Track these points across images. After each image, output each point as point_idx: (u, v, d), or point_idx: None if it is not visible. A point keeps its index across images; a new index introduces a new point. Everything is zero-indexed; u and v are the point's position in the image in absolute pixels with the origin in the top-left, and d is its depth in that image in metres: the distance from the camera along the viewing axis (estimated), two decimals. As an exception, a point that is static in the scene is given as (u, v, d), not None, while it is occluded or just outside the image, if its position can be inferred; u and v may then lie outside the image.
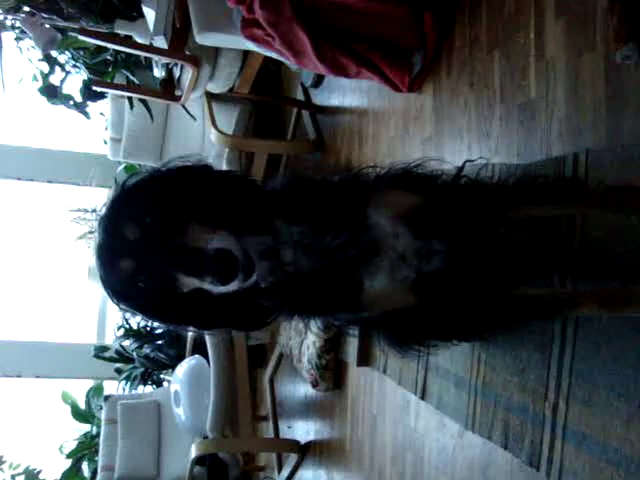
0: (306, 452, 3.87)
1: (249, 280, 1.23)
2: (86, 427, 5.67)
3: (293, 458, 3.96)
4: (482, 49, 2.20)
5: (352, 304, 1.38)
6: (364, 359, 2.90)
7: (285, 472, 4.02)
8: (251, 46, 2.84)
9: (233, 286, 1.21)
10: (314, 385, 3.36)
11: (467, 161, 1.56)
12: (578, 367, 1.61)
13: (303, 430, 3.96)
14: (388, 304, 1.42)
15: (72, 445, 5.58)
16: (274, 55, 2.79)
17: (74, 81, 4.99)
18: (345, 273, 1.33)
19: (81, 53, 4.51)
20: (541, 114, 1.87)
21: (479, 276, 1.42)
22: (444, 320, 1.48)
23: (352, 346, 2.99)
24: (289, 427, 4.24)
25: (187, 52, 3.47)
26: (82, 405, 5.77)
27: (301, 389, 3.90)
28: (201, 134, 4.39)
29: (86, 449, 5.44)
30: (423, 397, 2.33)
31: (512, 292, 1.49)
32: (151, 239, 1.21)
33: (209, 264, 1.19)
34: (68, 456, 5.52)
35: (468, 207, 1.42)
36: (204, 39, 3.16)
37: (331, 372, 3.28)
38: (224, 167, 3.86)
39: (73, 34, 3.92)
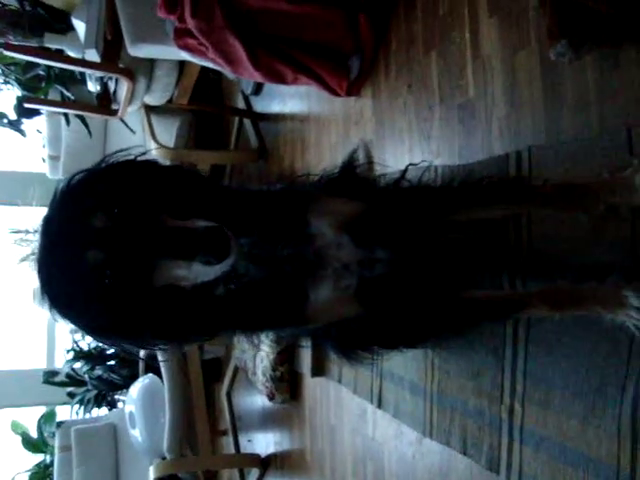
0: (268, 465, 3.81)
1: (230, 262, 1.11)
2: (39, 457, 5.48)
3: (255, 472, 3.89)
4: (419, 50, 2.18)
5: (297, 317, 1.34)
6: (318, 369, 2.85)
7: (248, 486, 3.96)
8: (186, 56, 2.77)
9: (219, 269, 1.10)
10: (270, 398, 3.31)
11: (409, 165, 1.52)
12: (532, 368, 1.59)
13: (263, 443, 3.89)
14: (333, 315, 1.38)
15: (25, 477, 5.38)
16: (209, 64, 2.73)
17: (7, 98, 4.84)
18: (290, 285, 1.28)
19: (12, 69, 4.37)
20: (481, 113, 1.85)
21: (423, 282, 1.40)
22: (389, 327, 1.44)
23: (306, 357, 2.95)
24: (249, 441, 4.17)
25: (121, 65, 3.37)
26: (34, 434, 5.58)
27: (259, 402, 3.84)
28: (142, 151, 4.28)
29: (40, 480, 5.26)
30: (380, 406, 2.30)
31: (459, 296, 1.46)
32: (124, 225, 1.08)
33: (201, 242, 1.07)
34: (21, 489, 5.34)
35: (411, 212, 1.39)
36: (137, 51, 3.07)
37: (286, 384, 3.23)
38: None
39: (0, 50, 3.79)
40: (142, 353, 4.42)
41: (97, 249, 1.07)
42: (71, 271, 1.08)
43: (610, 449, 1.36)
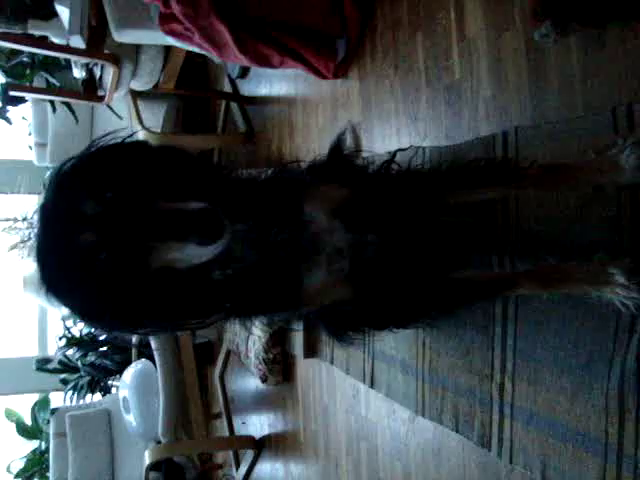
0: (262, 447, 3.85)
1: (222, 246, 1.11)
2: (34, 443, 5.51)
3: (250, 454, 3.93)
4: (405, 32, 2.18)
5: (292, 300, 1.37)
6: (311, 351, 2.88)
7: (243, 468, 4.00)
8: (171, 41, 2.76)
9: (213, 250, 1.10)
10: (263, 380, 3.33)
11: (398, 150, 1.54)
12: (521, 346, 1.62)
13: (257, 425, 3.93)
14: (327, 298, 1.41)
15: (20, 464, 5.41)
16: (195, 49, 2.72)
17: (-9, 86, 4.79)
18: (285, 270, 1.30)
19: (-5, 56, 4.33)
20: (467, 95, 1.86)
21: (413, 263, 1.42)
22: (380, 308, 1.46)
23: (298, 339, 2.97)
24: (243, 423, 4.21)
25: (106, 51, 3.35)
26: (28, 421, 5.60)
27: (252, 384, 3.87)
28: (129, 133, 4.27)
29: (36, 466, 5.28)
30: (372, 385, 2.32)
31: (449, 276, 1.48)
32: (117, 209, 1.08)
33: (194, 223, 1.07)
34: (17, 475, 5.36)
35: (400, 197, 1.41)
36: (122, 36, 3.05)
37: (279, 366, 3.26)
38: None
39: (-17, 38, 3.75)
40: (134, 340, 4.45)
41: (90, 232, 1.07)
42: (66, 256, 1.09)
43: (598, 424, 1.39)
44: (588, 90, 1.45)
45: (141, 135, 3.72)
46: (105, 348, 5.05)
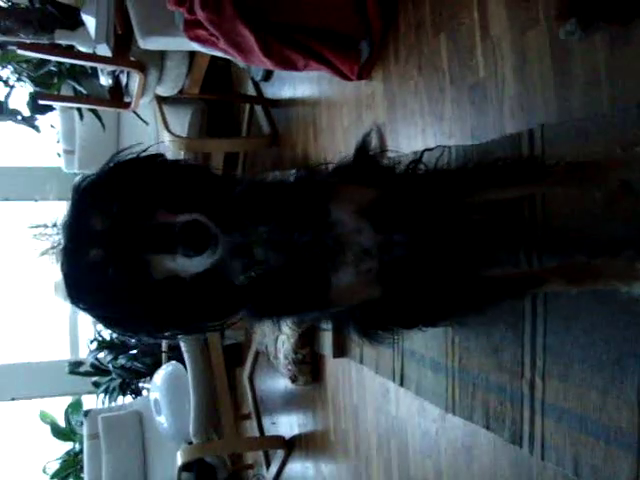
0: (292, 446, 3.88)
1: (216, 254, 1.20)
2: (68, 445, 5.60)
3: (280, 453, 3.96)
4: (428, 32, 2.20)
5: (321, 301, 1.39)
6: (340, 350, 2.90)
7: (274, 468, 4.03)
8: (197, 47, 2.80)
9: (206, 260, 1.19)
10: (293, 380, 3.36)
11: (425, 150, 1.56)
12: (551, 343, 1.62)
13: (287, 425, 3.96)
14: (355, 298, 1.43)
15: (56, 465, 5.51)
16: (220, 54, 2.76)
17: (20, 94, 4.89)
18: (312, 271, 1.33)
19: (24, 66, 4.41)
20: (492, 93, 1.87)
21: (442, 262, 1.43)
22: (410, 307, 1.48)
23: (327, 338, 2.99)
24: (273, 423, 4.24)
25: (132, 58, 3.40)
26: (62, 423, 5.69)
27: (281, 384, 3.90)
28: (155, 138, 4.33)
29: (71, 467, 5.38)
30: (402, 384, 2.34)
31: (478, 274, 1.50)
32: (118, 225, 1.17)
33: (179, 235, 1.16)
34: (53, 476, 5.46)
35: (427, 196, 1.42)
36: (147, 44, 3.10)
37: (308, 366, 3.28)
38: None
39: (12, 48, 3.83)
40: (163, 345, 4.51)
41: (99, 248, 1.17)
42: (81, 271, 1.19)
43: (630, 419, 1.40)
44: (614, 86, 1.45)
45: (167, 140, 3.77)
46: (135, 351, 5.12)
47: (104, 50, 3.19)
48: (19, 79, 4.54)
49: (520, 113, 1.76)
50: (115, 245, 1.16)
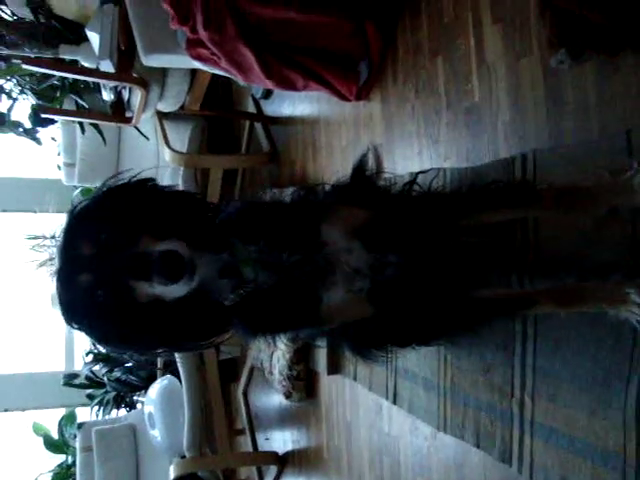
0: (285, 463, 3.88)
1: (193, 281, 1.26)
2: (61, 457, 5.58)
3: (273, 469, 3.96)
4: (425, 56, 2.24)
5: (312, 318, 1.42)
6: (334, 367, 2.92)
7: (266, 484, 4.03)
8: (198, 65, 2.85)
9: (183, 287, 1.25)
10: (287, 396, 3.38)
11: (419, 172, 1.59)
12: (540, 364, 1.65)
13: (280, 441, 3.97)
14: (347, 316, 1.46)
15: (48, 478, 5.48)
16: (222, 73, 2.80)
17: (22, 107, 4.92)
18: (303, 289, 1.36)
19: (27, 79, 4.45)
20: (486, 118, 1.92)
21: (434, 283, 1.46)
22: (401, 326, 1.51)
23: (322, 355, 3.01)
24: (267, 439, 4.24)
25: (134, 74, 3.45)
26: (55, 435, 5.68)
27: (275, 400, 3.91)
28: (155, 153, 4.36)
29: (63, 480, 5.36)
30: (395, 402, 2.36)
31: (470, 295, 1.52)
32: (105, 252, 1.24)
33: (155, 264, 1.22)
34: (45, 489, 5.44)
35: (421, 218, 1.45)
36: (150, 61, 3.14)
37: (303, 382, 3.30)
38: (180, 185, 3.84)
39: (17, 61, 3.87)
40: (158, 361, 4.52)
41: (86, 273, 1.24)
42: (73, 292, 1.27)
43: (616, 439, 1.43)
44: (603, 114, 1.49)
45: (167, 156, 3.81)
46: (131, 364, 5.12)
47: (107, 66, 3.23)
48: (22, 92, 4.58)
49: (514, 137, 1.80)
50: (102, 271, 1.24)
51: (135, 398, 5.38)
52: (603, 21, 1.33)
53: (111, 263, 1.23)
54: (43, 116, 4.30)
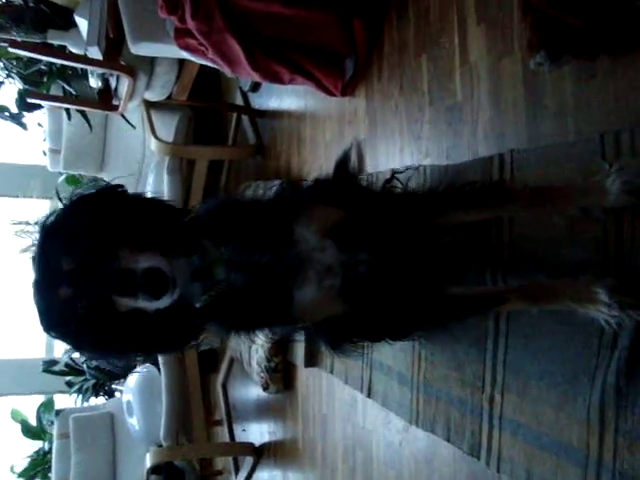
0: (261, 454, 3.90)
1: (174, 294, 1.28)
2: (38, 444, 5.58)
3: (249, 461, 3.99)
4: (410, 54, 2.26)
5: (284, 316, 1.44)
6: (311, 360, 2.95)
7: (242, 475, 4.05)
8: (186, 55, 2.85)
9: (166, 301, 1.26)
10: (265, 388, 3.40)
11: (395, 172, 1.62)
12: (511, 360, 1.68)
13: (257, 432, 3.99)
14: (319, 313, 1.48)
15: (24, 463, 5.48)
16: (209, 64, 2.81)
17: (9, 91, 4.90)
18: (275, 287, 1.38)
19: (14, 63, 4.43)
20: (467, 116, 1.94)
21: (407, 280, 1.48)
22: (373, 322, 1.53)
23: (299, 348, 3.04)
24: (243, 430, 4.27)
25: (122, 62, 3.44)
26: (33, 422, 5.67)
27: (253, 392, 3.93)
28: (142, 142, 4.37)
29: (39, 466, 5.35)
30: (369, 395, 2.39)
31: (443, 292, 1.55)
32: (85, 266, 1.25)
33: (140, 283, 1.24)
34: (20, 475, 5.42)
35: (395, 217, 1.48)
36: (138, 49, 3.15)
37: (280, 374, 3.32)
38: (165, 175, 3.85)
39: (3, 44, 3.85)
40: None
41: (66, 287, 1.25)
42: (51, 304, 1.28)
43: (581, 435, 1.46)
44: (579, 117, 1.52)
45: (153, 145, 3.81)
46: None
47: (95, 53, 3.23)
48: (9, 76, 4.55)
49: (493, 136, 1.82)
50: (82, 286, 1.25)
51: (114, 386, 5.38)
52: (583, 26, 1.35)
53: (93, 279, 1.25)
54: (30, 101, 4.28)
